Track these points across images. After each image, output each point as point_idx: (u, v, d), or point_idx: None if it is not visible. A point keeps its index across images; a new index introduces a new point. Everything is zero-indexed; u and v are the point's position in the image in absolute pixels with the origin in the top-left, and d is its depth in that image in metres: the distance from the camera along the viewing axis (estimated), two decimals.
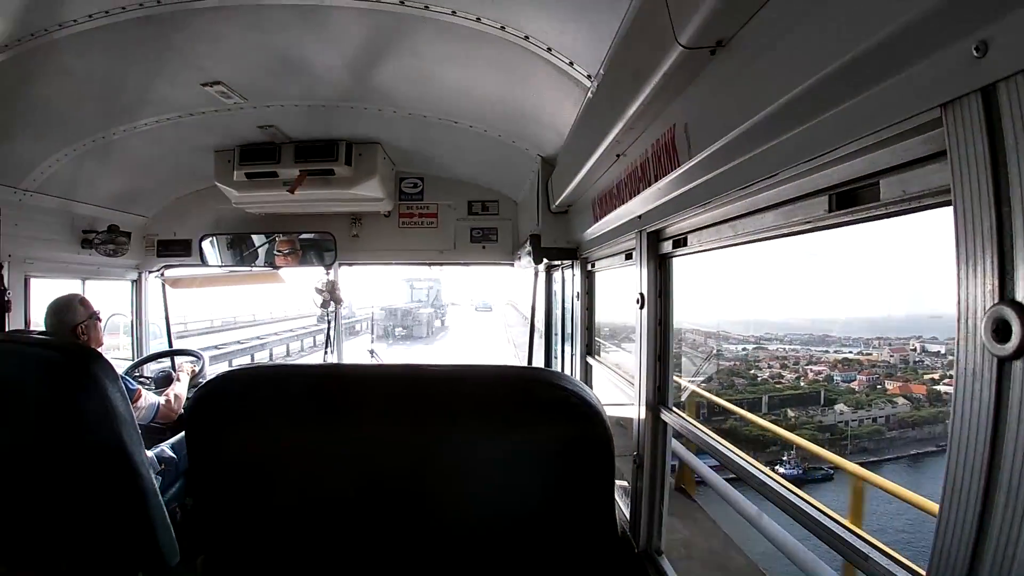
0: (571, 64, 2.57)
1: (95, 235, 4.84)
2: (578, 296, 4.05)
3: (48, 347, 2.89)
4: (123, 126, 3.92)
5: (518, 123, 3.65)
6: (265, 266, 5.70)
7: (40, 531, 3.06)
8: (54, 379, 2.76)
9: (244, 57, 3.18)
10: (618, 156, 2.44)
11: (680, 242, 2.38)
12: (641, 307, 2.65)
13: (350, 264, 5.74)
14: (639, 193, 2.28)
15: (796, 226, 1.58)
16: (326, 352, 5.84)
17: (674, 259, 2.55)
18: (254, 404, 1.46)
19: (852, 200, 1.33)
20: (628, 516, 2.94)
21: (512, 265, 5.45)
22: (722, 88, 1.50)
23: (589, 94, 2.60)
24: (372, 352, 6.19)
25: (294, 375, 1.55)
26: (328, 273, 5.61)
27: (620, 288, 3.99)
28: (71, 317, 3.59)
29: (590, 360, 4.04)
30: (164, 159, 4.75)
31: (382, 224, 5.55)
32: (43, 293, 4.45)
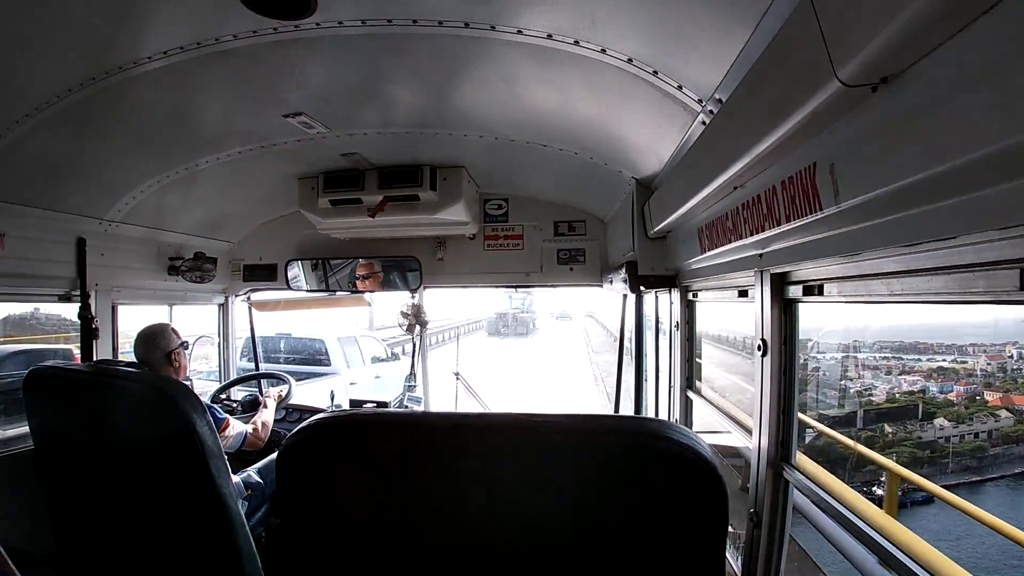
0: (679, 88, 2.36)
1: (181, 262, 4.92)
2: (677, 326, 3.82)
3: (135, 380, 2.91)
4: (206, 157, 3.95)
5: (612, 145, 3.45)
6: (347, 290, 5.67)
7: (129, 558, 3.08)
8: (141, 412, 2.78)
9: (325, 88, 3.12)
10: (736, 188, 2.23)
11: (813, 289, 2.14)
12: (763, 355, 2.41)
13: (435, 287, 5.63)
14: (762, 231, 2.07)
15: (975, 296, 1.35)
16: (411, 373, 5.76)
17: (801, 304, 2.33)
18: (345, 451, 1.42)
19: None
20: (738, 570, 2.73)
21: (600, 287, 5.22)
22: (885, 130, 1.29)
23: (700, 120, 2.40)
24: (457, 375, 6.02)
25: (384, 423, 1.48)
26: (413, 297, 5.53)
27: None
28: (166, 343, 3.67)
29: (690, 394, 3.80)
30: (248, 187, 4.79)
31: (467, 247, 5.42)
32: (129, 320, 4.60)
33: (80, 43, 2.44)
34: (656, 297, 4.43)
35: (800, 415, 2.48)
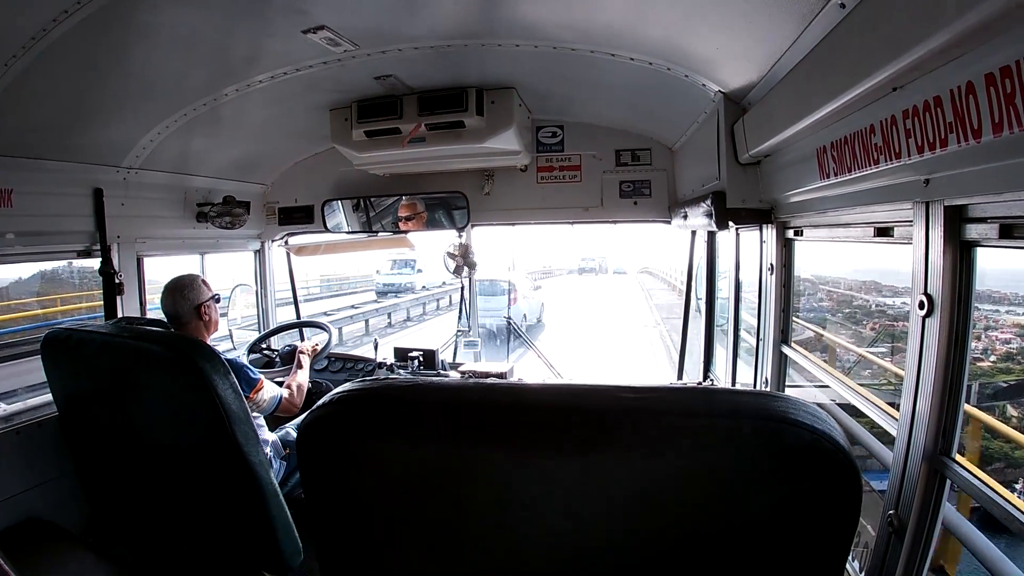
0: None
1: (210, 207, 4.64)
2: (771, 269, 3.27)
3: (152, 340, 2.72)
4: (225, 89, 3.57)
5: (696, 51, 2.87)
6: (390, 231, 5.33)
7: (162, 531, 3.02)
8: (160, 375, 2.63)
9: None
10: (895, 89, 1.69)
11: (1012, 230, 1.61)
12: (926, 315, 1.88)
13: (484, 225, 5.20)
14: (936, 148, 1.55)
15: None
16: (460, 318, 5.49)
17: (982, 248, 1.78)
18: (373, 428, 1.20)
19: None
20: None
21: (669, 223, 4.69)
22: None
23: (836, 2, 1.82)
24: (509, 320, 5.62)
25: (420, 397, 1.22)
26: (460, 236, 5.13)
27: None
28: (196, 296, 3.43)
29: (786, 350, 3.27)
30: (277, 122, 4.42)
31: (518, 180, 4.94)
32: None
33: None
34: (737, 235, 3.84)
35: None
